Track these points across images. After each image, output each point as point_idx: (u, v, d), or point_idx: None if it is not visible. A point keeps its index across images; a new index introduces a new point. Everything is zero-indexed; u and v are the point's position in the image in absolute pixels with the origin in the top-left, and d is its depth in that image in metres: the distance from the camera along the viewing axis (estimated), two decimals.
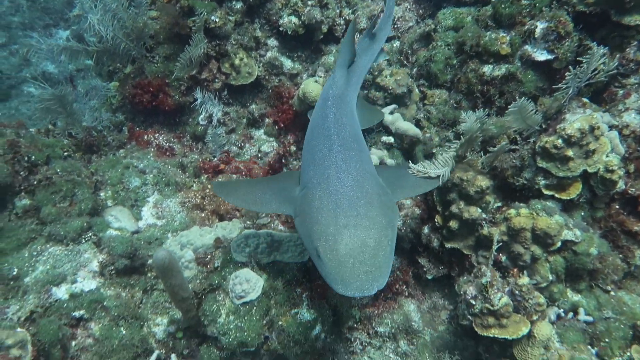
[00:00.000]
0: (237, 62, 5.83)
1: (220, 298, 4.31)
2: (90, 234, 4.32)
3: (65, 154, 4.59)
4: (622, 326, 3.54)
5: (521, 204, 4.01)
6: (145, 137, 5.60)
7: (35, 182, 4.23)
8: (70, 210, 4.32)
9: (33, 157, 4.25)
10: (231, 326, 4.18)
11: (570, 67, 3.80)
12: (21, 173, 4.18)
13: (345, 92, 3.96)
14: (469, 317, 4.00)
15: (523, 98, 3.67)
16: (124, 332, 4.02)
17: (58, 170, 4.31)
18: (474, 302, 3.93)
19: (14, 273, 3.83)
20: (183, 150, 5.68)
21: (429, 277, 4.68)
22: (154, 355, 4.06)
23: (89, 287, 4.02)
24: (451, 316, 4.62)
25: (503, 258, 4.13)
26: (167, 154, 5.56)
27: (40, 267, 3.94)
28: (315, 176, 3.18)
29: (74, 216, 4.29)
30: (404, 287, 4.74)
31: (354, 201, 2.90)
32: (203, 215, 5.07)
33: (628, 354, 3.41)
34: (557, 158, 3.75)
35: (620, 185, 3.66)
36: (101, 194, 4.70)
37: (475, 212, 4.22)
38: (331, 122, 3.49)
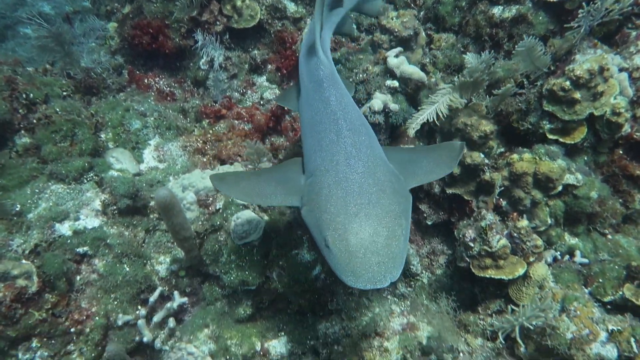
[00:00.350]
0: (239, 3, 5.64)
1: (222, 238, 4.37)
2: (92, 174, 4.33)
3: (64, 93, 4.53)
4: (616, 267, 3.59)
5: (524, 149, 3.98)
6: (146, 80, 5.50)
7: (34, 121, 4.20)
8: (71, 150, 4.30)
9: (31, 94, 4.20)
10: (233, 265, 4.26)
11: (583, 3, 3.65)
12: (20, 111, 4.14)
13: (333, 69, 3.66)
14: (467, 259, 4.06)
15: (532, 36, 3.55)
16: (127, 269, 4.11)
17: (57, 109, 4.26)
18: (472, 245, 3.98)
19: (17, 209, 3.87)
20: (184, 95, 5.60)
21: (429, 223, 4.72)
22: (157, 292, 4.16)
23: (91, 224, 4.07)
24: (449, 260, 4.69)
25: (503, 203, 4.14)
26: (168, 98, 5.48)
27: (43, 204, 3.97)
28: (323, 163, 2.96)
29: (75, 156, 4.29)
30: None
31: (365, 188, 2.72)
32: (205, 160, 5.06)
33: (620, 292, 3.47)
34: (563, 101, 3.68)
35: (626, 128, 3.61)
36: (102, 136, 4.68)
37: (477, 157, 4.20)
38: (335, 105, 3.22)
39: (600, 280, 3.63)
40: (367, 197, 2.67)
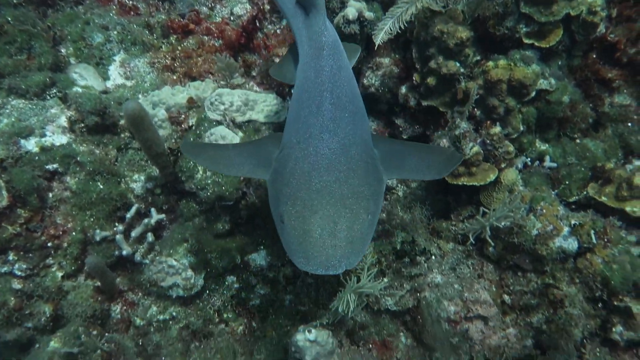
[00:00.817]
0: None
1: None
2: (54, 90, 4.13)
3: (15, 1, 4.19)
4: (582, 169, 3.72)
5: (500, 56, 3.94)
6: None
7: None
8: (29, 64, 4.06)
9: None
10: (209, 181, 4.25)
11: None
12: None
13: (336, 36, 3.31)
14: None
15: None
16: (101, 186, 4.05)
17: (9, 18, 3.96)
18: None
19: None
20: (148, 10, 5.26)
21: (405, 137, 4.74)
22: (134, 209, 4.15)
23: (59, 141, 3.94)
24: None
25: (478, 112, 4.15)
26: (131, 12, 5.14)
27: (5, 119, 3.80)
28: (297, 135, 2.73)
29: (34, 70, 4.05)
30: None
31: (335, 165, 2.47)
32: (175, 77, 4.86)
33: (585, 192, 3.63)
34: (541, 2, 3.60)
35: (601, 29, 3.59)
36: (62, 50, 4.41)
37: (453, 66, 4.13)
38: (327, 76, 2.91)
39: (567, 182, 3.77)
40: (334, 174, 2.44)
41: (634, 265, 3.24)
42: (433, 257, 4.06)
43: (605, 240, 3.32)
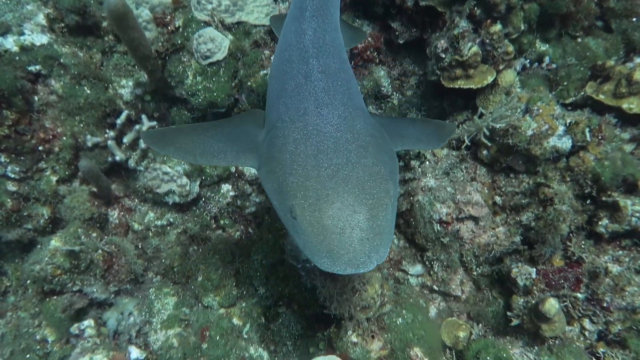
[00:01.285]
0: None
1: (185, 59, 4.15)
2: None
3: None
4: (582, 69, 3.65)
5: None
6: None
7: None
8: None
9: None
10: (199, 87, 4.13)
11: None
12: None
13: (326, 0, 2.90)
14: (437, 71, 4.04)
15: None
16: (88, 91, 3.93)
17: None
18: (443, 55, 3.92)
19: None
20: None
21: (401, 42, 4.57)
22: (124, 115, 4.06)
23: (39, 41, 3.75)
24: (420, 81, 4.67)
25: (478, 11, 3.97)
26: None
27: None
28: (288, 112, 2.37)
29: None
30: (375, 54, 4.66)
31: (343, 144, 2.16)
32: None
33: (582, 92, 3.58)
34: None
35: None
36: None
37: None
38: (309, 40, 2.57)
39: (565, 83, 3.72)
40: (344, 155, 2.12)
41: (625, 162, 3.28)
42: (427, 162, 4.09)
43: (599, 137, 3.34)
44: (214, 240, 4.28)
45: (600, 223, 3.39)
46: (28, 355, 3.58)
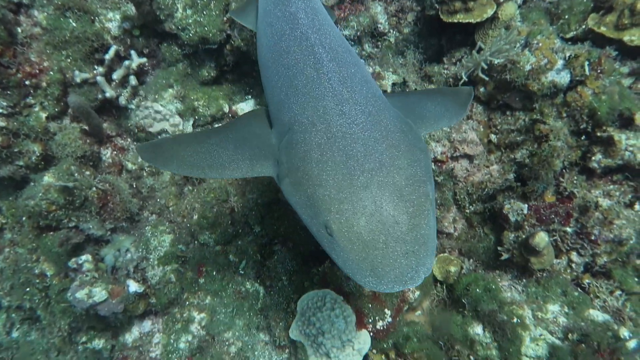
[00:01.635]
0: None
1: None
2: None
3: None
4: (584, 1, 3.53)
5: None
6: None
7: None
8: None
9: None
10: (190, 20, 3.98)
11: None
12: None
13: None
14: (436, 5, 3.91)
15: None
16: (74, 24, 3.78)
17: None
18: None
19: None
20: None
21: None
22: (112, 50, 3.93)
23: None
24: (417, 18, 4.52)
25: None
26: None
27: None
28: (304, 113, 2.12)
29: None
30: None
31: (373, 146, 1.93)
32: None
33: (583, 26, 3.49)
34: None
35: None
36: None
37: None
38: (306, 25, 2.29)
39: (567, 16, 3.61)
40: (376, 158, 1.91)
41: (622, 96, 3.25)
42: None
43: (599, 71, 3.28)
44: (209, 180, 4.27)
45: (593, 158, 3.40)
46: (28, 289, 3.65)
